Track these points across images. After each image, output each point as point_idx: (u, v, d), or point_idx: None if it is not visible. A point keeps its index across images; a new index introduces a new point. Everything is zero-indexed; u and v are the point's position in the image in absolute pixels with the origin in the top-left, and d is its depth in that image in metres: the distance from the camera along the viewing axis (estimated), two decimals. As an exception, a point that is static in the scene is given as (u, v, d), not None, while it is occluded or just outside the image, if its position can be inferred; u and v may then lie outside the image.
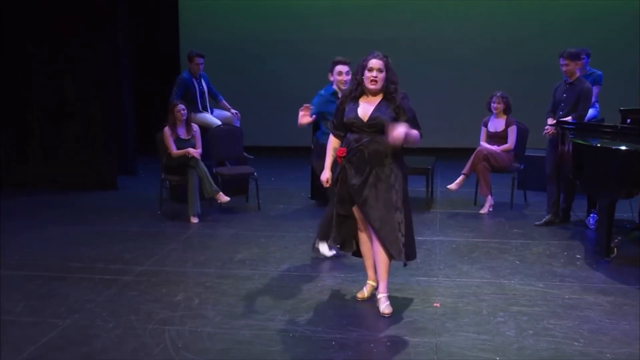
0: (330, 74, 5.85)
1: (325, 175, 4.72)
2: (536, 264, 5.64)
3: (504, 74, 10.57)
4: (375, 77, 4.40)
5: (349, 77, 5.38)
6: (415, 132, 4.38)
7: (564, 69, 6.63)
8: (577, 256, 5.86)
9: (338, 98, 5.12)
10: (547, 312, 4.61)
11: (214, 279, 5.31)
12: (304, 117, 5.65)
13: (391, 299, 4.64)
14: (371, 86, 4.43)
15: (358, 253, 4.85)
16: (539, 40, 10.70)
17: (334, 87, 5.78)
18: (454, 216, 7.31)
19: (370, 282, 4.85)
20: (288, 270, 5.54)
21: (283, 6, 11.48)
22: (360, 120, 4.45)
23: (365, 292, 4.86)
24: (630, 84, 10.03)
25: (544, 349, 4.03)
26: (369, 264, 4.79)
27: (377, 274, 4.65)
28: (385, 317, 4.49)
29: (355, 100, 4.51)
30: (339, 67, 5.76)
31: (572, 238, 6.46)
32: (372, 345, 4.13)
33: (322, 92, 5.84)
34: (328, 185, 4.71)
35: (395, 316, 4.50)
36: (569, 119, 6.53)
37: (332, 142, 4.69)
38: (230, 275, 5.41)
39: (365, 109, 4.46)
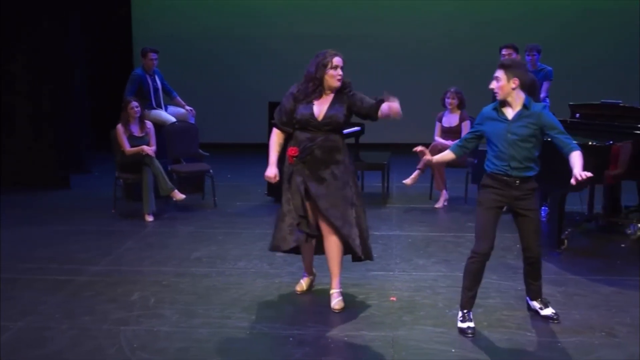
0: None
1: (273, 171, 4.63)
2: (490, 257, 5.71)
3: (458, 70, 10.68)
4: (341, 74, 4.46)
5: None
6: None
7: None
8: (530, 248, 5.97)
9: None
10: (501, 303, 4.70)
11: (170, 277, 5.27)
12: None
13: (348, 294, 4.68)
14: (338, 84, 4.46)
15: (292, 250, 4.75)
16: (492, 37, 10.81)
17: None
18: (410, 211, 7.39)
19: (309, 276, 4.94)
20: (245, 267, 5.53)
21: (238, 1, 11.40)
22: (315, 119, 4.46)
23: (304, 285, 4.93)
24: (580, 80, 10.29)
25: (498, 340, 4.12)
26: (308, 259, 4.84)
27: (330, 270, 4.63)
28: (340, 312, 4.51)
29: (309, 99, 4.49)
30: None
31: (525, 231, 6.57)
32: (329, 340, 4.16)
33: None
34: (276, 181, 4.68)
35: (353, 311, 4.54)
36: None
37: (278, 137, 4.61)
38: (187, 273, 5.37)
39: (320, 107, 4.47)
